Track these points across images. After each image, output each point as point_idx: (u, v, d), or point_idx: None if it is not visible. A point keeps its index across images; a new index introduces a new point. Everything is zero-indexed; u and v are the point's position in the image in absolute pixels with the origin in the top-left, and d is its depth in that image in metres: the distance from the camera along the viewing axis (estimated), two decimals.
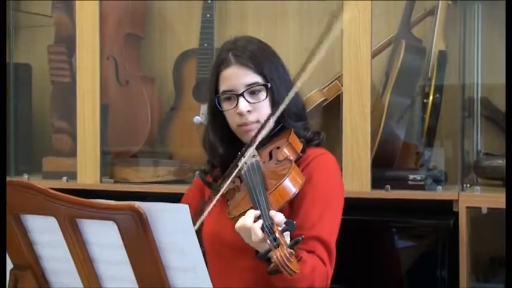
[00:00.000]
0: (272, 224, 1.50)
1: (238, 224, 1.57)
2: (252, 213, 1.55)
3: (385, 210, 2.34)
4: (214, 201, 1.70)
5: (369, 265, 2.30)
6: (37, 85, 3.03)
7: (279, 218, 1.54)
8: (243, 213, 1.58)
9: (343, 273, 1.77)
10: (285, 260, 1.40)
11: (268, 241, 1.47)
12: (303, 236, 1.50)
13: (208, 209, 1.69)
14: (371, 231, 2.34)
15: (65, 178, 2.72)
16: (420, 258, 2.31)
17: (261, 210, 1.54)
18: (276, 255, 1.42)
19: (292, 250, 1.43)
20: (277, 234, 1.47)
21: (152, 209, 1.21)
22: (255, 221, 1.53)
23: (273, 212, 1.54)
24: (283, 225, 1.51)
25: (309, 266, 1.59)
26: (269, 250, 1.47)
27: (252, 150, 1.74)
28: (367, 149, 2.32)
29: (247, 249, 1.60)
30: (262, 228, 1.50)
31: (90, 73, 2.65)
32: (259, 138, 1.74)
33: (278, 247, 1.44)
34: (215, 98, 1.81)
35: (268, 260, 1.50)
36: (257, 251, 1.57)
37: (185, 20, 2.93)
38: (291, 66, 1.92)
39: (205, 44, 2.72)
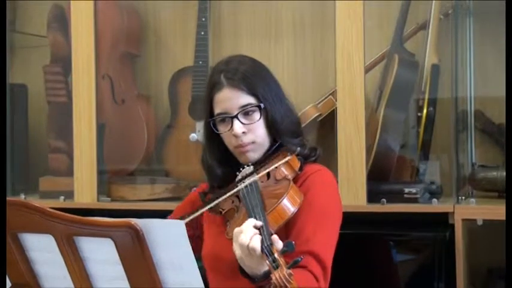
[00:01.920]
0: (271, 244, 1.49)
1: (237, 240, 1.54)
2: (251, 230, 1.53)
3: (381, 224, 2.35)
4: (202, 210, 1.72)
5: (365, 279, 2.30)
6: (33, 105, 3.04)
7: (279, 242, 1.52)
8: None
9: (339, 287, 1.78)
10: (285, 282, 1.41)
11: (267, 262, 1.46)
12: (302, 257, 1.50)
13: (195, 214, 1.70)
14: (367, 245, 2.35)
15: (62, 197, 2.72)
16: (417, 271, 2.31)
17: (260, 231, 1.53)
18: (276, 276, 1.42)
19: (291, 271, 1.43)
20: (276, 255, 1.46)
21: (148, 225, 1.22)
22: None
23: (275, 237, 1.52)
24: (283, 246, 1.50)
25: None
26: (268, 271, 1.47)
27: (250, 171, 1.75)
28: (363, 163, 2.33)
29: None
30: (262, 249, 1.49)
31: (86, 92, 2.66)
32: (264, 169, 1.75)
33: (277, 268, 1.43)
34: (210, 121, 1.82)
35: (253, 280, 1.53)
36: (240, 266, 1.57)
37: (180, 37, 2.95)
38: (285, 83, 1.94)
39: (200, 62, 2.73)
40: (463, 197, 2.39)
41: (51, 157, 2.91)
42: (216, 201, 1.73)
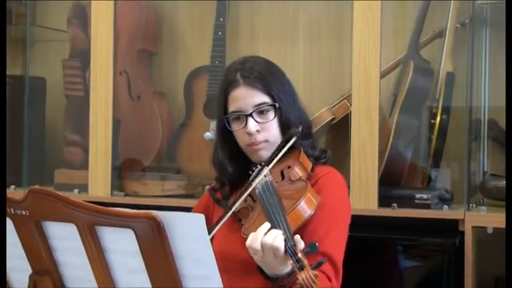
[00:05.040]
0: (295, 245, 1.51)
1: (258, 241, 1.56)
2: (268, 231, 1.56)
3: (391, 229, 2.36)
4: (225, 219, 1.71)
5: (374, 283, 2.32)
6: (51, 98, 3.07)
7: (301, 241, 1.55)
8: None
9: None
10: (311, 283, 1.43)
11: (291, 262, 1.49)
12: (326, 258, 1.52)
13: (219, 225, 1.71)
14: (377, 249, 2.36)
15: (76, 190, 2.75)
16: (426, 276, 2.33)
17: (282, 231, 1.55)
18: (302, 277, 1.44)
19: (316, 272, 1.46)
20: (300, 256, 1.48)
21: (169, 218, 1.24)
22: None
23: (297, 237, 1.54)
24: (306, 247, 1.52)
25: None
26: (292, 271, 1.50)
27: (266, 171, 1.75)
28: (375, 168, 2.35)
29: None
30: (285, 250, 1.51)
31: (104, 88, 2.69)
32: (275, 160, 1.76)
33: (303, 269, 1.46)
34: (224, 119, 1.84)
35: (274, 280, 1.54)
36: (260, 268, 1.60)
37: (197, 37, 2.97)
38: (300, 85, 1.97)
39: (217, 62, 2.75)
40: (474, 205, 2.40)
41: (66, 150, 2.94)
42: (236, 205, 1.73)
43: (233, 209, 1.72)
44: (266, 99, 1.81)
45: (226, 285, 1.69)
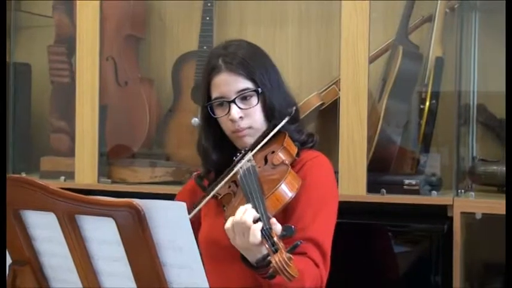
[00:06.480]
0: (270, 228, 1.50)
1: (235, 219, 1.54)
2: (251, 213, 1.54)
3: (380, 214, 2.36)
4: (206, 199, 1.71)
5: (363, 268, 2.32)
6: (37, 85, 3.05)
7: (277, 224, 1.53)
8: None
9: (336, 276, 1.78)
10: (284, 265, 1.41)
11: (267, 246, 1.47)
12: (301, 241, 1.50)
13: (200, 206, 1.70)
14: (366, 235, 2.36)
15: (62, 178, 2.74)
16: (414, 262, 2.33)
17: (259, 215, 1.53)
18: (275, 260, 1.42)
19: (290, 255, 1.44)
20: (275, 239, 1.47)
21: (150, 206, 1.22)
22: (254, 223, 1.52)
23: (273, 220, 1.53)
24: (282, 230, 1.51)
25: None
26: (267, 255, 1.48)
27: (248, 156, 1.74)
28: (364, 154, 2.34)
29: None
30: (260, 233, 1.49)
31: (90, 74, 2.67)
32: (258, 147, 1.74)
33: (277, 252, 1.44)
34: (207, 105, 1.82)
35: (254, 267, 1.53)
36: (241, 254, 1.58)
37: (185, 22, 2.95)
38: (289, 69, 1.94)
39: (205, 47, 2.73)
40: (463, 190, 2.39)
41: (52, 137, 2.93)
42: (217, 188, 1.72)
43: (213, 192, 1.71)
44: (249, 84, 1.78)
45: (211, 271, 1.70)
